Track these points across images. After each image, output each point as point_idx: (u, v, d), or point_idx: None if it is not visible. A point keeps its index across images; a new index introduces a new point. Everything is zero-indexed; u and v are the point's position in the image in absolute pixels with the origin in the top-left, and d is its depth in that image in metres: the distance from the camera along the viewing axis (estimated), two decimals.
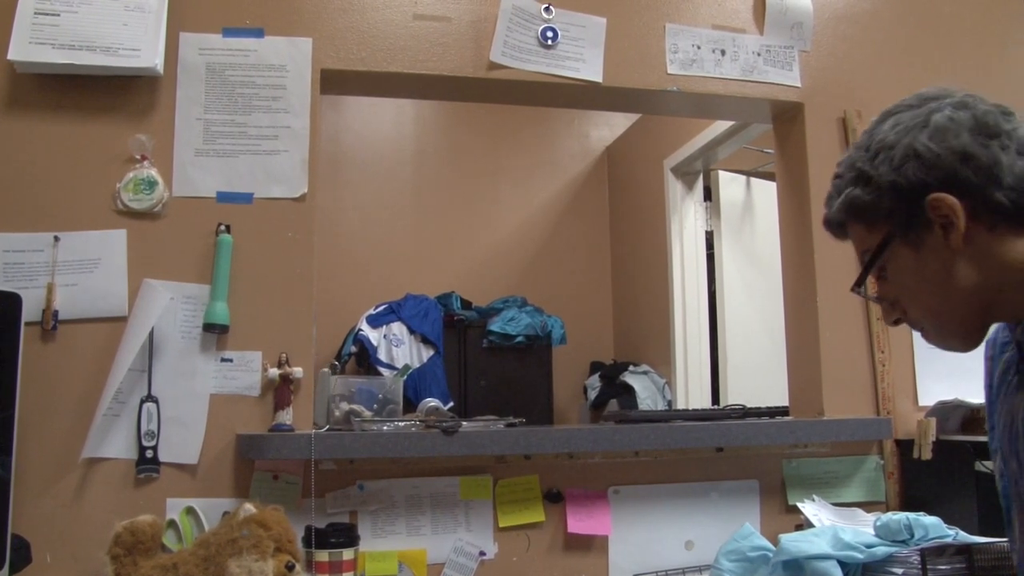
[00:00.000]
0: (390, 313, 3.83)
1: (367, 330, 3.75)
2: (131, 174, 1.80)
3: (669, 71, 2.13)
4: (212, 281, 1.79)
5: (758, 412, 2.14)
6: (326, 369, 1.89)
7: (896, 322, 1.07)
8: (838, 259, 1.99)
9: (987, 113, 0.96)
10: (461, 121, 4.60)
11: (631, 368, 4.05)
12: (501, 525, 1.88)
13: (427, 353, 3.78)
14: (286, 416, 1.78)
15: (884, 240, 1.01)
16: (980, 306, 0.97)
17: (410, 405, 2.17)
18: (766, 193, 3.72)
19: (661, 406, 3.83)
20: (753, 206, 3.79)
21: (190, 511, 1.74)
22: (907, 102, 1.01)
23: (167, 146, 1.84)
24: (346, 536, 1.70)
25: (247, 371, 1.81)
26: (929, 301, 1.01)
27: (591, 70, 2.07)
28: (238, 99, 1.87)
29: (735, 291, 3.67)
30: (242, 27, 1.89)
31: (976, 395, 1.59)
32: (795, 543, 1.66)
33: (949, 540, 1.66)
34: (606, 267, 4.75)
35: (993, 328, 1.06)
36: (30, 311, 1.68)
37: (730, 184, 3.80)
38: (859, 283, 1.07)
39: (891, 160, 0.98)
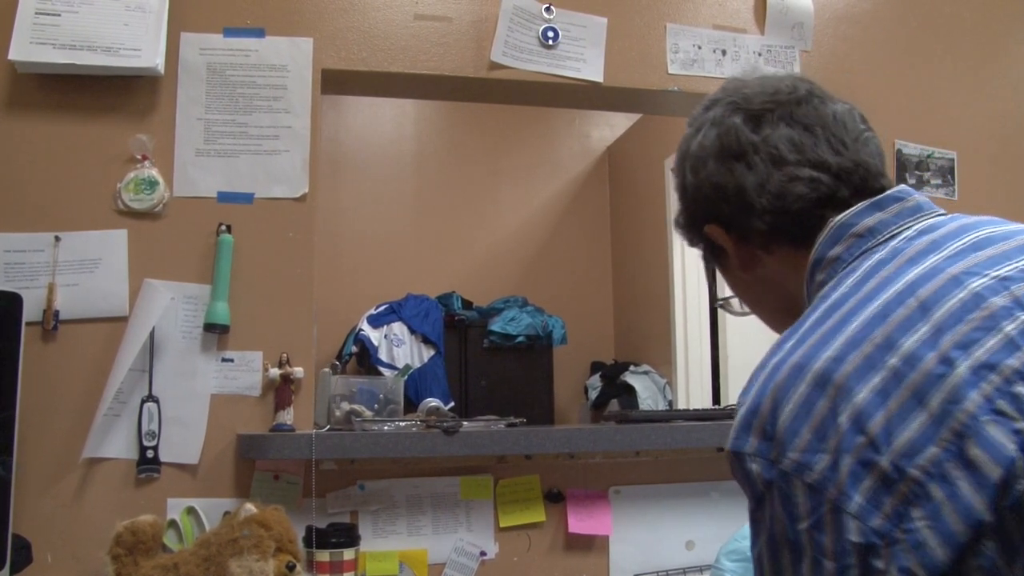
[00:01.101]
0: (391, 313, 3.83)
1: (368, 330, 3.76)
2: (132, 174, 1.80)
3: (670, 71, 2.13)
4: (213, 281, 1.79)
5: None
6: (327, 369, 1.89)
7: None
8: None
9: (730, 130, 0.88)
10: (462, 121, 4.61)
11: (632, 368, 4.06)
12: (502, 525, 1.88)
13: (428, 353, 3.78)
14: (287, 416, 1.78)
15: (706, 267, 1.00)
16: (796, 309, 0.86)
17: (411, 405, 2.17)
18: None
19: (662, 406, 3.83)
20: None
21: (191, 511, 1.74)
22: (697, 109, 0.97)
23: (168, 146, 1.84)
24: (347, 536, 1.70)
25: (248, 371, 1.81)
26: (760, 315, 0.99)
27: (592, 70, 2.07)
28: (239, 99, 1.87)
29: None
30: (243, 27, 1.89)
31: None
32: None
33: None
34: (607, 267, 4.76)
35: None
36: (31, 311, 1.68)
37: None
38: (711, 299, 1.08)
39: (678, 190, 0.96)
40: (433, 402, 1.91)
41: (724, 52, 2.18)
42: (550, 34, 2.04)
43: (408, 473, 1.85)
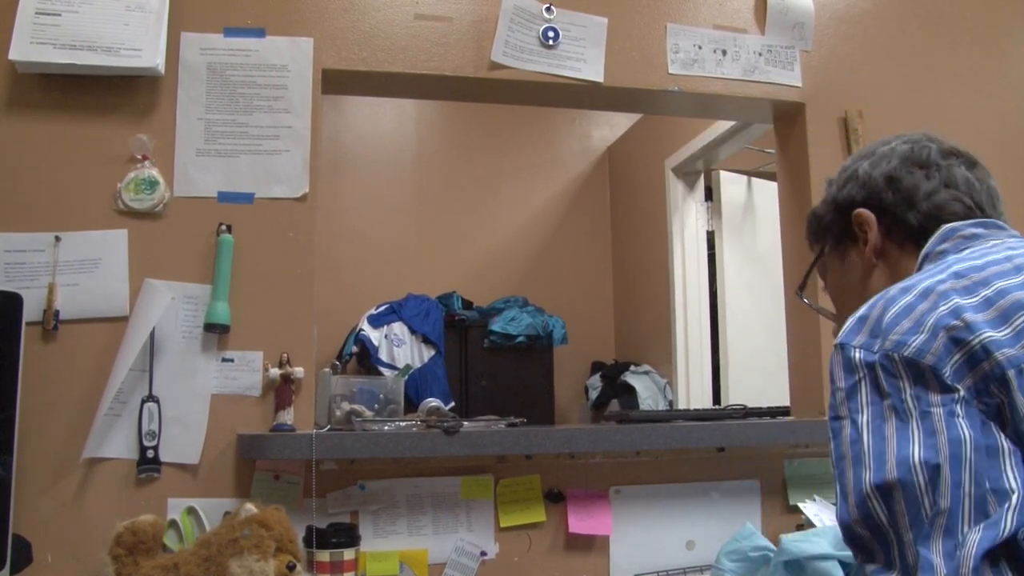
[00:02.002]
0: (391, 313, 3.83)
1: (368, 330, 3.76)
2: (132, 174, 1.80)
3: (670, 71, 2.13)
4: (213, 281, 1.79)
5: (759, 412, 2.14)
6: (327, 369, 1.89)
7: None
8: None
9: (924, 148, 1.06)
10: (462, 121, 4.60)
11: (632, 368, 4.06)
12: (502, 525, 1.88)
13: (428, 353, 3.78)
14: (287, 416, 1.78)
15: (821, 249, 1.16)
16: None
17: (411, 405, 2.17)
18: (767, 193, 3.72)
19: (662, 406, 3.83)
20: (754, 206, 3.79)
21: (191, 511, 1.74)
22: (885, 137, 1.13)
23: (168, 146, 1.84)
24: (347, 536, 1.70)
25: (248, 371, 1.81)
26: (851, 309, 1.08)
27: (592, 70, 2.07)
28: (239, 99, 1.87)
29: (736, 291, 3.67)
30: (243, 27, 1.89)
31: None
32: (796, 543, 1.65)
33: None
34: (607, 267, 4.76)
35: None
36: (31, 311, 1.68)
37: (731, 184, 3.80)
38: (800, 288, 1.22)
39: (839, 181, 1.12)
40: (433, 402, 1.91)
41: (724, 52, 2.17)
42: (550, 34, 2.04)
43: (408, 473, 1.85)
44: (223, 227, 1.82)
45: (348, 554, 1.68)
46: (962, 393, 0.75)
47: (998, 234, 0.98)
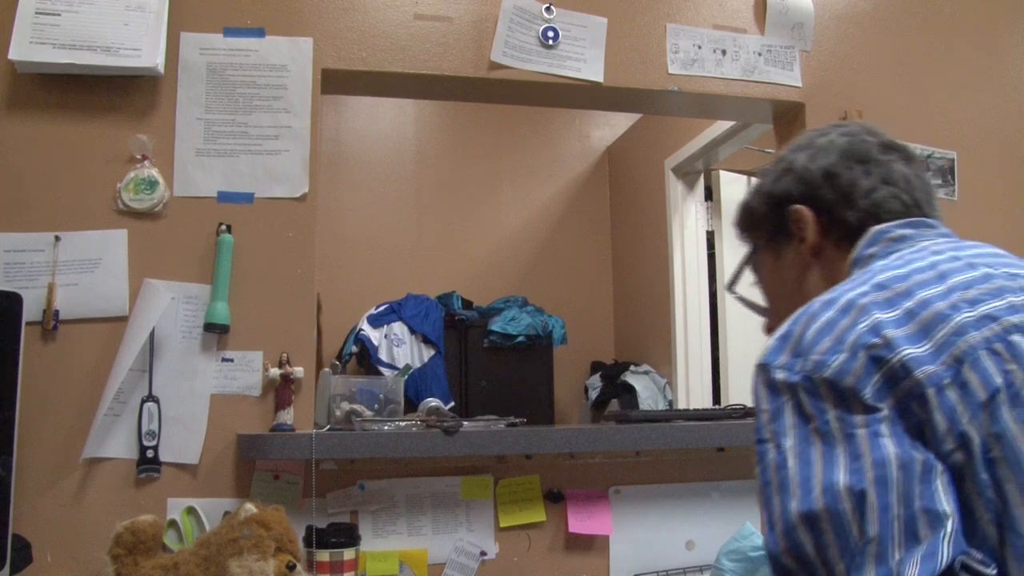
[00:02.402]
0: (391, 313, 3.83)
1: (368, 330, 3.75)
2: (132, 174, 1.80)
3: (670, 71, 2.13)
4: (213, 281, 1.79)
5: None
6: (327, 369, 1.89)
7: (772, 331, 1.10)
8: None
9: (864, 142, 1.02)
10: (462, 121, 4.60)
11: (632, 368, 4.05)
12: (502, 525, 1.88)
13: (428, 353, 3.78)
14: (287, 416, 1.78)
15: (754, 245, 1.11)
16: None
17: (411, 405, 2.17)
18: None
19: (662, 406, 3.83)
20: None
21: (191, 511, 1.74)
22: (820, 127, 1.09)
23: (168, 146, 1.84)
24: (347, 536, 1.70)
25: (248, 371, 1.81)
26: (784, 307, 1.05)
27: (592, 70, 2.07)
28: (239, 99, 1.87)
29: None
30: (243, 27, 1.89)
31: None
32: None
33: None
34: (607, 267, 4.76)
35: None
36: (31, 311, 1.68)
37: (731, 184, 3.80)
38: (730, 283, 1.18)
39: (774, 172, 1.07)
40: (433, 402, 1.91)
41: (724, 52, 2.17)
42: (550, 34, 2.04)
43: (408, 473, 1.85)
44: (223, 227, 1.82)
45: (348, 554, 1.68)
46: (886, 412, 0.72)
47: (927, 234, 0.95)
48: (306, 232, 1.87)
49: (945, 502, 0.69)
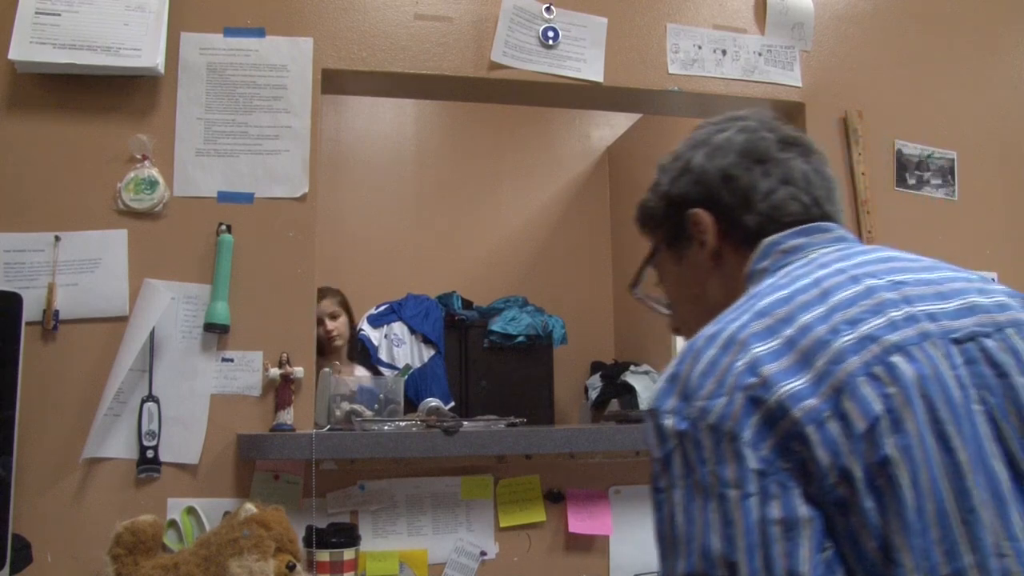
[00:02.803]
0: (391, 313, 3.83)
1: (368, 330, 3.76)
2: (132, 174, 1.80)
3: (670, 71, 2.13)
4: (213, 281, 1.79)
5: None
6: (327, 369, 1.89)
7: (676, 331, 1.09)
8: None
9: (762, 140, 0.97)
10: (462, 121, 4.60)
11: (632, 368, 4.05)
12: (502, 525, 1.88)
13: (428, 353, 3.78)
14: (287, 416, 1.78)
15: (655, 247, 1.07)
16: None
17: (411, 405, 2.17)
18: None
19: None
20: None
21: (191, 511, 1.74)
22: (717, 118, 1.04)
23: (168, 146, 1.84)
24: (347, 536, 1.70)
25: (248, 371, 1.81)
26: (686, 311, 1.04)
27: (592, 70, 2.07)
28: (239, 99, 1.87)
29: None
30: (243, 27, 1.89)
31: None
32: None
33: None
34: (607, 267, 4.75)
35: None
36: (31, 311, 1.68)
37: None
38: (632, 284, 1.14)
39: (672, 171, 1.03)
40: (433, 402, 1.91)
41: (724, 52, 2.17)
42: (550, 34, 2.04)
43: (408, 473, 1.85)
44: (223, 227, 1.82)
45: (348, 554, 1.68)
46: (755, 466, 0.69)
47: (818, 241, 0.91)
48: (306, 232, 1.87)
49: (807, 561, 0.68)
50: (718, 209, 0.97)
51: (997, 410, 0.73)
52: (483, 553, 1.86)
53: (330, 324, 2.84)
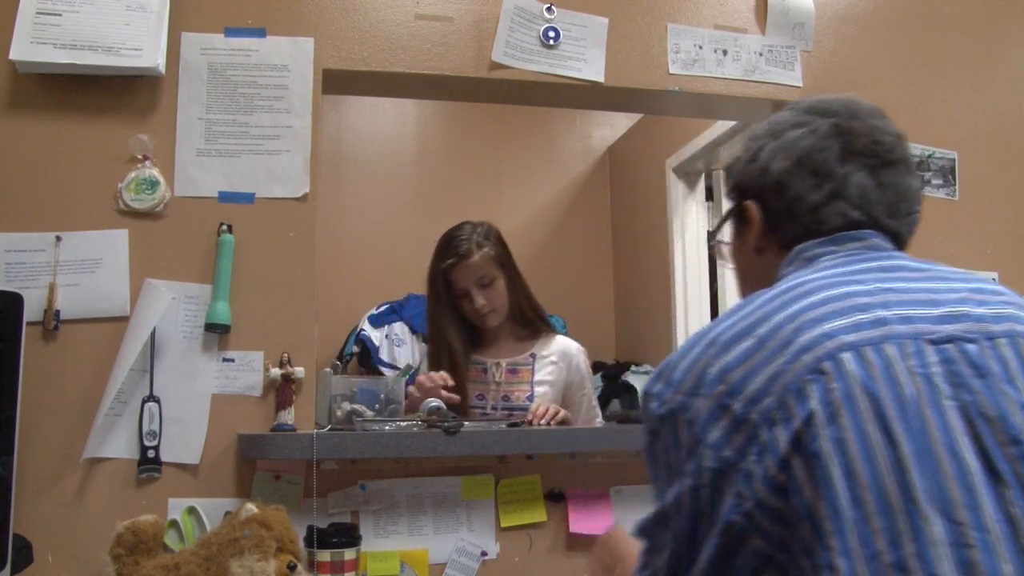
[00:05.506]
0: (392, 313, 3.83)
1: (369, 330, 3.76)
2: (133, 174, 1.80)
3: (671, 71, 2.13)
4: (214, 281, 1.79)
5: None
6: (328, 369, 1.89)
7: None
8: None
9: (825, 149, 0.97)
10: (463, 121, 4.60)
11: (633, 368, 4.05)
12: (503, 525, 1.88)
13: None
14: (288, 416, 1.78)
15: (727, 212, 1.10)
16: None
17: None
18: None
19: None
20: None
21: (192, 511, 1.74)
22: (807, 102, 1.05)
23: (169, 146, 1.84)
24: (348, 536, 1.70)
25: (249, 371, 1.81)
26: (739, 279, 1.11)
27: (593, 70, 2.07)
28: (240, 99, 1.87)
29: (737, 291, 3.66)
30: (244, 27, 1.89)
31: None
32: None
33: None
34: (608, 267, 4.75)
35: None
36: (32, 311, 1.68)
37: None
38: (712, 232, 1.21)
39: (749, 152, 1.04)
40: (434, 402, 1.91)
41: (725, 52, 2.17)
42: (551, 34, 2.04)
43: (409, 473, 1.85)
44: (224, 227, 1.82)
45: (349, 554, 1.69)
46: (711, 465, 0.77)
47: (845, 249, 0.93)
48: (307, 232, 1.87)
49: (708, 548, 0.78)
50: (767, 209, 1.00)
51: (971, 407, 0.74)
52: (484, 553, 1.86)
53: (479, 298, 2.19)
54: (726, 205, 1.11)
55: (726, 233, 1.13)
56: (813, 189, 0.97)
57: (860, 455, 0.72)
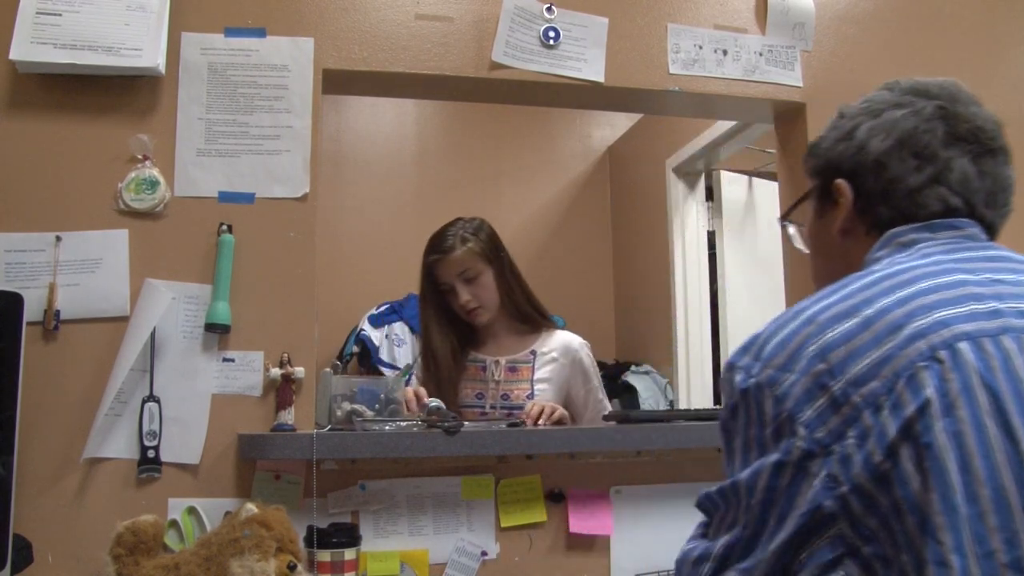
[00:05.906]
0: (392, 313, 3.83)
1: (369, 330, 3.76)
2: (133, 174, 1.80)
3: (671, 71, 2.13)
4: (214, 281, 1.79)
5: None
6: (328, 369, 1.89)
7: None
8: None
9: (929, 131, 0.96)
10: (462, 121, 4.60)
11: (633, 368, 4.05)
12: (503, 525, 1.88)
13: None
14: (288, 416, 1.78)
15: (806, 193, 1.08)
16: None
17: None
18: (768, 193, 3.72)
19: (663, 406, 3.83)
20: (755, 206, 3.79)
21: (192, 511, 1.74)
22: (906, 83, 1.06)
23: (169, 146, 1.84)
24: (348, 536, 1.70)
25: (249, 371, 1.81)
26: (817, 264, 1.08)
27: (593, 70, 2.07)
28: (240, 99, 1.87)
29: (737, 291, 3.67)
30: (244, 27, 1.89)
31: None
32: None
33: None
34: (608, 267, 4.75)
35: None
36: (32, 311, 1.68)
37: (732, 184, 3.80)
38: (783, 216, 1.17)
39: (840, 130, 1.02)
40: (434, 402, 1.91)
41: (725, 52, 2.17)
42: (551, 34, 2.04)
43: (409, 473, 1.85)
44: (224, 227, 1.82)
45: (349, 554, 1.68)
46: (804, 446, 0.75)
47: (941, 236, 0.91)
48: (307, 232, 1.87)
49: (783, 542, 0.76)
50: (861, 190, 0.97)
51: None
52: (484, 553, 1.86)
53: (464, 294, 2.20)
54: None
55: (799, 213, 1.11)
56: (913, 171, 0.94)
57: (977, 450, 0.69)
